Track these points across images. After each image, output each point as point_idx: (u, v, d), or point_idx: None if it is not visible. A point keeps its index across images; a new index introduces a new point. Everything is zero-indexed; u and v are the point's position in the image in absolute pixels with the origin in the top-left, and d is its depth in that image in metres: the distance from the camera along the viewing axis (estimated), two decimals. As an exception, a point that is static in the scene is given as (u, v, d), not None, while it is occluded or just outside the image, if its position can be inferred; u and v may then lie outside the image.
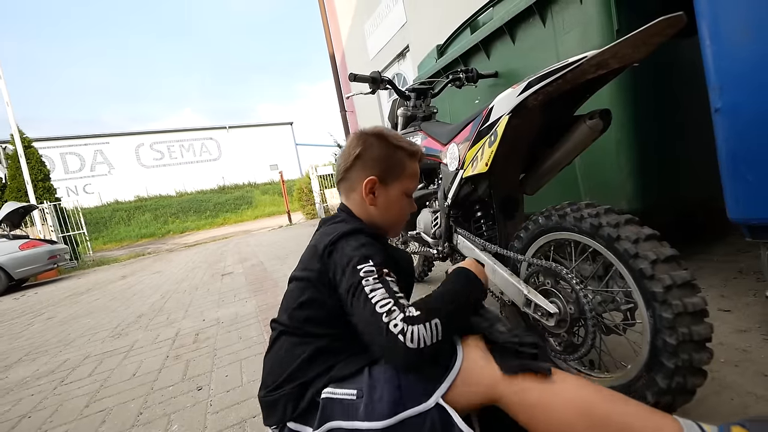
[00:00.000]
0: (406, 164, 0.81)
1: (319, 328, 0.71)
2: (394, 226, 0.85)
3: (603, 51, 0.69)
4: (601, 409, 0.55)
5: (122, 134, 21.91)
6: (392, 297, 0.62)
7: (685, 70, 1.40)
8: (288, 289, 0.78)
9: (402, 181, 0.81)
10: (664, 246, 0.69)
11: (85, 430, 1.17)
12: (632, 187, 1.35)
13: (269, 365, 0.73)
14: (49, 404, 1.41)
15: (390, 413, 0.59)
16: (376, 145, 0.80)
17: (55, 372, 1.77)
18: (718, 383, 0.83)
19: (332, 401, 0.63)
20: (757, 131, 0.83)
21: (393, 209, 0.82)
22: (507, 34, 1.65)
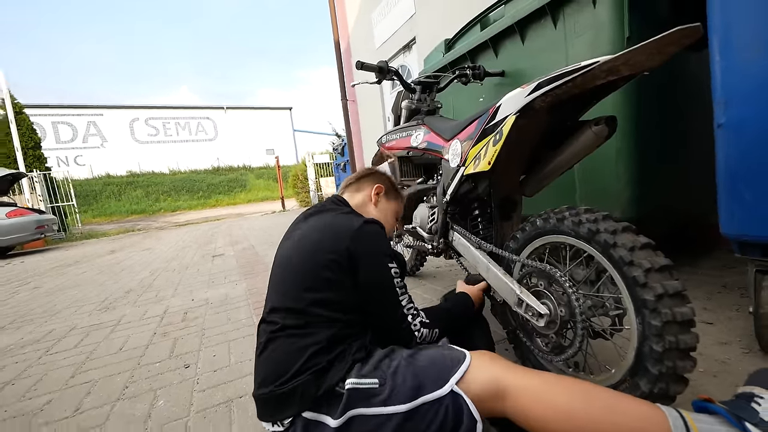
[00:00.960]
0: (399, 197, 1.11)
1: (329, 311, 0.74)
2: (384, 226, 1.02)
3: (616, 57, 0.69)
4: (599, 396, 0.61)
5: (117, 107, 21.43)
6: (412, 303, 0.82)
7: (690, 84, 1.42)
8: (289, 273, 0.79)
9: (396, 205, 1.08)
10: (659, 255, 0.70)
11: (70, 399, 1.17)
12: (629, 195, 1.36)
13: (272, 362, 0.72)
14: (33, 373, 1.40)
15: (412, 397, 0.65)
16: (385, 173, 1.10)
17: (41, 341, 1.76)
18: (697, 392, 0.86)
19: (357, 391, 0.67)
20: (758, 149, 0.84)
21: (387, 217, 1.05)
22: (517, 33, 1.64)
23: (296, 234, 0.86)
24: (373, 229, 0.80)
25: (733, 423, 0.54)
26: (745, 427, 0.53)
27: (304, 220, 0.90)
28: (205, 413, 1.02)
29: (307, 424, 0.67)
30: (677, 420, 0.55)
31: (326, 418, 0.66)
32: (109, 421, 1.03)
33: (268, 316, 0.79)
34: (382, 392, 0.66)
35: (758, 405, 0.55)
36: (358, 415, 0.65)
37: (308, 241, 0.80)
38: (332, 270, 0.75)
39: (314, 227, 0.83)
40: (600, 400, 0.60)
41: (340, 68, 5.72)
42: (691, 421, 0.55)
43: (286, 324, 0.73)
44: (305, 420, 0.67)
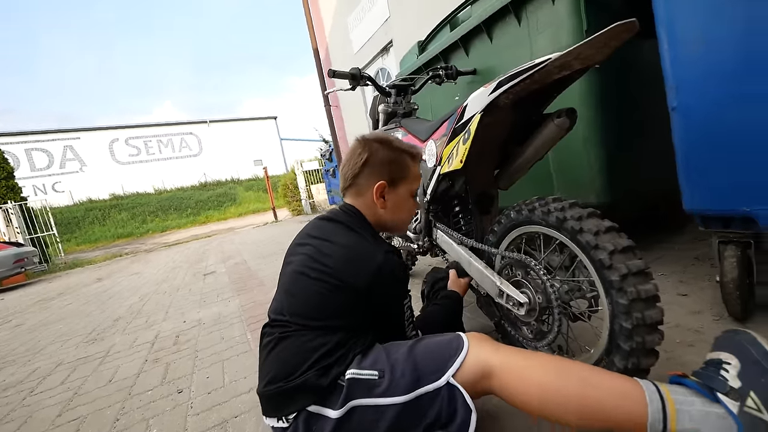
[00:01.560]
0: (410, 167, 0.89)
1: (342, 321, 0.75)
2: (401, 225, 0.94)
3: (566, 53, 0.73)
4: (576, 371, 0.64)
5: (94, 129, 20.93)
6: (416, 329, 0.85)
7: (648, 71, 1.47)
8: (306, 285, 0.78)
9: (408, 183, 0.89)
10: (622, 237, 0.73)
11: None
12: (600, 182, 1.41)
13: (281, 360, 0.74)
14: (17, 416, 1.36)
15: (410, 389, 0.67)
16: (381, 150, 0.87)
17: (24, 382, 1.70)
18: (674, 362, 0.90)
19: (357, 381, 0.69)
20: (707, 130, 0.89)
21: (402, 210, 0.91)
22: (485, 32, 1.68)
23: (313, 244, 0.83)
24: (393, 268, 0.78)
25: (706, 394, 0.57)
26: (716, 398, 0.56)
27: (319, 229, 0.87)
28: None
29: (308, 417, 0.69)
30: (653, 393, 0.58)
31: (327, 410, 0.68)
32: (102, 454, 1.02)
33: (278, 316, 0.79)
34: (382, 383, 0.68)
35: (726, 372, 0.58)
36: (358, 405, 0.68)
37: (327, 261, 0.78)
38: (348, 295, 0.76)
39: (333, 249, 0.79)
40: (576, 374, 0.63)
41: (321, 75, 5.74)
42: (666, 392, 0.58)
43: (298, 326, 0.75)
44: (308, 413, 0.69)
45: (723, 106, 0.85)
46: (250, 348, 1.56)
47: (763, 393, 0.55)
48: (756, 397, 0.54)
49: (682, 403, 0.57)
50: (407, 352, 0.72)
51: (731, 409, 0.54)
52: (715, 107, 0.86)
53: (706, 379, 0.58)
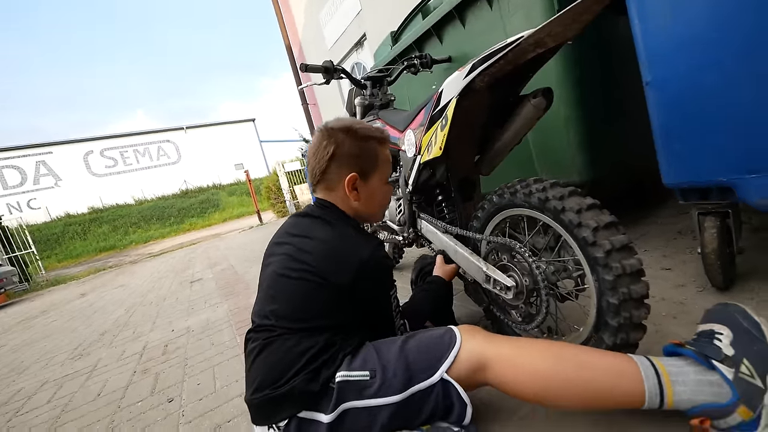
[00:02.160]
0: (379, 153, 0.85)
1: (329, 324, 0.73)
2: (377, 214, 0.92)
3: (538, 29, 0.72)
4: (570, 355, 0.63)
5: (66, 142, 20.19)
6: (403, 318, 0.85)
7: (625, 46, 1.48)
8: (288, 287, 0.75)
9: (379, 170, 0.85)
10: (604, 213, 0.73)
11: (46, 459, 1.10)
12: (582, 160, 1.42)
13: (268, 366, 0.71)
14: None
15: (403, 388, 0.66)
16: (347, 141, 0.81)
17: (8, 403, 1.64)
18: (661, 335, 0.91)
19: (348, 383, 0.67)
20: (680, 104, 0.89)
21: (376, 199, 0.87)
22: (457, 17, 1.66)
23: (292, 243, 0.79)
24: (376, 260, 0.76)
25: (701, 362, 0.57)
26: (712, 365, 0.56)
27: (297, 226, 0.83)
28: (193, 444, 0.98)
29: (300, 424, 0.67)
30: (648, 368, 0.58)
31: (319, 415, 0.66)
32: (92, 471, 0.98)
33: (262, 321, 0.76)
34: (373, 384, 0.66)
35: (719, 341, 0.59)
36: (350, 408, 0.66)
37: (307, 259, 0.75)
38: (332, 293, 0.73)
39: (312, 246, 0.76)
40: (571, 358, 0.63)
41: (296, 73, 5.64)
42: (661, 366, 0.59)
43: (283, 330, 0.73)
44: (299, 420, 0.67)
45: (695, 77, 0.86)
46: (240, 352, 1.53)
47: (755, 360, 0.55)
48: (749, 363, 0.55)
49: (677, 375, 0.57)
50: (398, 350, 0.70)
51: (727, 376, 0.55)
52: (688, 79, 0.87)
53: (701, 348, 0.59)
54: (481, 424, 0.75)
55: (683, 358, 0.60)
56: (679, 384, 0.57)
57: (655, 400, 0.57)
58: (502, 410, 0.79)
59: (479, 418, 0.78)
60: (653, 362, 0.59)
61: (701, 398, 0.56)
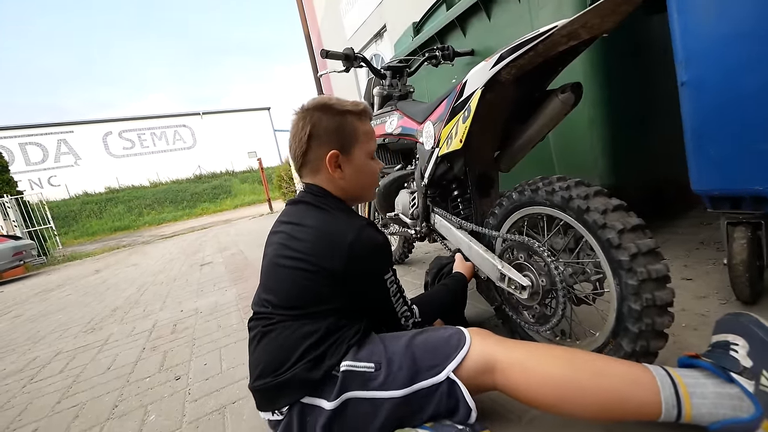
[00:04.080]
0: (358, 126, 0.80)
1: (324, 307, 0.72)
2: (367, 190, 0.88)
3: (572, 20, 0.68)
4: (585, 362, 0.61)
5: (87, 122, 20.66)
6: (406, 304, 0.81)
7: (656, 47, 1.42)
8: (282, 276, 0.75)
9: (361, 144, 0.81)
10: (631, 216, 0.70)
11: (57, 426, 1.13)
12: (605, 163, 1.38)
13: (269, 354, 0.71)
14: (17, 403, 1.36)
15: (408, 383, 0.65)
16: (323, 118, 0.77)
17: (24, 370, 1.70)
18: (679, 346, 0.87)
19: (352, 373, 0.66)
20: (718, 106, 0.85)
21: (363, 175, 0.83)
22: (482, 10, 1.62)
23: (285, 231, 0.78)
24: (367, 241, 0.72)
25: (719, 374, 0.55)
26: (730, 377, 0.54)
27: (289, 214, 0.82)
28: (198, 423, 1.00)
29: (302, 408, 0.67)
30: (665, 378, 0.56)
31: (321, 401, 0.66)
32: (100, 441, 1.00)
33: (262, 309, 0.77)
34: (378, 377, 0.66)
35: (736, 353, 0.57)
36: (352, 397, 0.66)
37: (298, 247, 0.74)
38: (326, 279, 0.71)
39: (304, 232, 0.75)
40: (586, 366, 0.60)
41: (314, 62, 5.61)
42: (678, 377, 0.56)
43: (281, 317, 0.72)
44: (301, 405, 0.67)
45: (737, 78, 0.81)
46: (247, 336, 1.55)
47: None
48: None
49: (694, 386, 0.55)
50: (406, 344, 0.69)
51: (747, 389, 0.53)
52: (729, 79, 0.82)
53: (717, 359, 0.56)
54: (487, 424, 0.74)
55: (700, 370, 0.57)
56: (697, 396, 0.54)
57: (672, 412, 0.54)
58: (510, 411, 0.77)
59: (485, 417, 0.76)
60: (669, 373, 0.57)
61: (722, 412, 0.53)
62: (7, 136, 18.01)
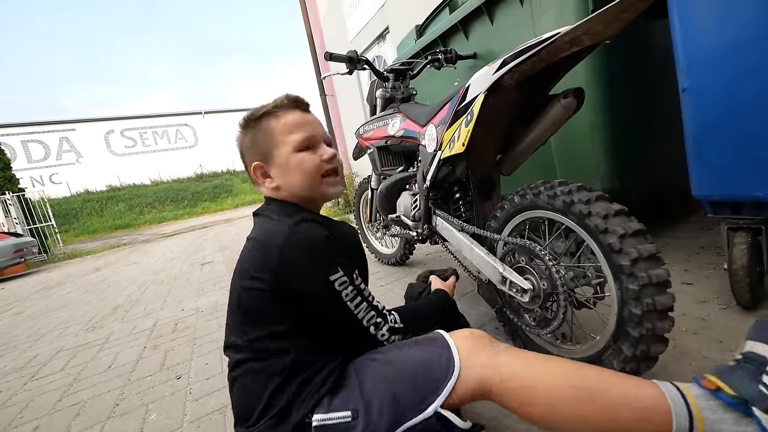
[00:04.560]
0: (274, 127, 0.72)
1: (282, 342, 0.64)
2: (313, 187, 0.73)
3: (575, 27, 0.69)
4: (591, 379, 0.55)
5: (89, 120, 20.67)
6: (374, 309, 0.68)
7: (658, 53, 1.43)
8: (233, 303, 0.69)
9: (281, 143, 0.71)
10: (632, 221, 0.71)
11: (58, 424, 1.14)
12: (606, 167, 1.38)
13: (238, 400, 0.65)
14: (18, 400, 1.36)
15: (392, 428, 0.57)
16: (242, 135, 0.75)
17: (25, 368, 1.70)
18: (679, 350, 0.88)
19: (327, 427, 0.58)
20: (719, 112, 0.85)
21: (292, 172, 0.71)
22: (485, 13, 1.63)
23: (243, 249, 0.72)
24: (300, 241, 0.63)
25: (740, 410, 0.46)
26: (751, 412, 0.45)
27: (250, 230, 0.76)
28: (199, 422, 1.00)
29: None
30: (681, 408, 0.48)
31: None
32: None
33: (229, 340, 0.70)
34: (356, 426, 0.57)
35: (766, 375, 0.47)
36: None
37: (245, 266, 0.67)
38: (271, 298, 0.63)
39: (247, 245, 0.69)
40: (590, 381, 0.54)
41: (316, 63, 5.63)
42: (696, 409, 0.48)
43: (238, 361, 0.66)
44: None
45: (737, 86, 0.82)
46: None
47: None
48: None
49: (712, 424, 0.47)
50: (383, 378, 0.61)
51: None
52: (729, 86, 0.83)
53: (743, 386, 0.47)
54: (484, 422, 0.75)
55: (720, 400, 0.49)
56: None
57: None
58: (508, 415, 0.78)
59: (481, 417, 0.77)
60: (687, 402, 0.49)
61: None
62: (9, 133, 18.03)
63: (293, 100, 0.74)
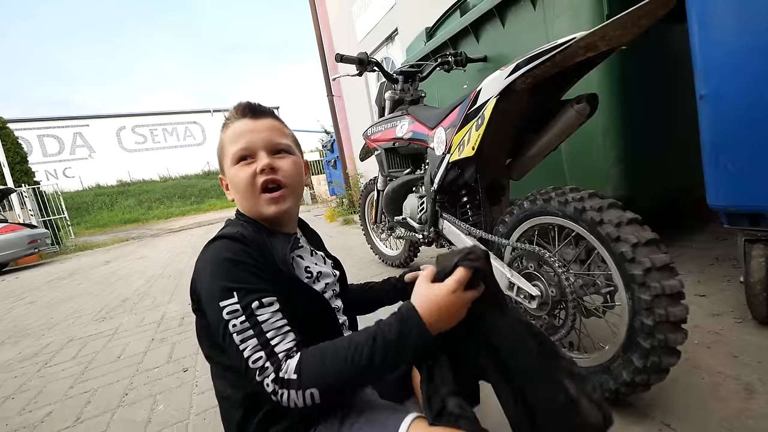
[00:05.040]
0: (224, 138, 0.67)
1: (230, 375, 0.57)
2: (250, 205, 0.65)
3: (592, 32, 0.68)
4: None
5: (102, 116, 21.07)
6: (263, 347, 0.51)
7: (673, 58, 1.41)
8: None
9: (226, 155, 0.65)
10: (645, 230, 0.70)
11: (70, 410, 1.16)
12: (617, 173, 1.36)
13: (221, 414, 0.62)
14: (32, 386, 1.40)
15: None
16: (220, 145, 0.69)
17: (39, 355, 1.74)
18: (692, 364, 0.86)
19: None
20: (738, 120, 0.84)
21: (234, 188, 0.66)
22: (497, 17, 1.62)
23: None
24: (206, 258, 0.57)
25: None
26: None
27: None
28: (205, 415, 1.01)
29: None
30: None
31: None
32: (110, 428, 1.03)
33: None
34: None
35: None
36: None
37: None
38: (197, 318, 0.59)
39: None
40: None
41: (324, 64, 5.65)
42: None
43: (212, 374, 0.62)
44: None
45: (756, 93, 0.80)
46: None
47: None
48: None
49: None
50: None
51: None
52: (749, 93, 0.81)
53: None
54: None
55: None
56: None
57: None
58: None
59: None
60: None
61: None
62: (27, 128, 18.43)
63: (243, 107, 0.67)
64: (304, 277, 0.66)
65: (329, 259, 0.77)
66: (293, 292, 0.59)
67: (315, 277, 0.68)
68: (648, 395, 0.78)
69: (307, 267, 0.68)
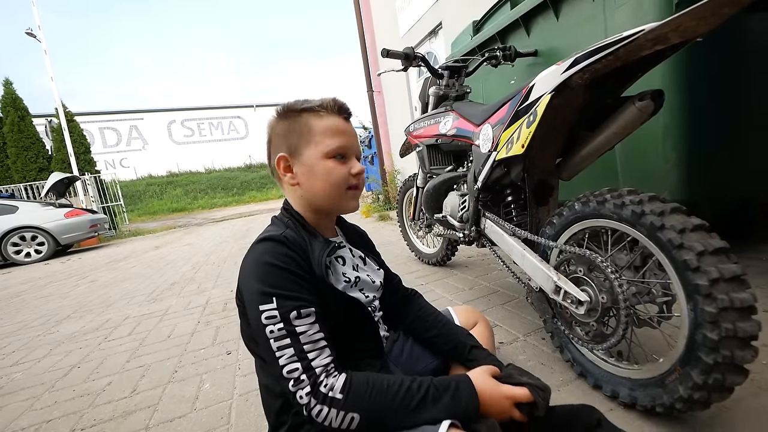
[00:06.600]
0: (313, 124, 0.68)
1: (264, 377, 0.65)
2: (333, 198, 0.69)
3: (663, 24, 0.64)
4: None
5: (155, 110, 22.69)
6: (300, 359, 0.52)
7: (750, 49, 1.28)
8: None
9: (315, 143, 0.67)
10: (713, 237, 0.64)
11: (127, 382, 1.27)
12: (677, 176, 1.27)
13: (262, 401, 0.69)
14: (95, 357, 1.55)
15: None
16: (278, 122, 0.71)
17: (99, 329, 1.92)
18: (758, 385, 0.79)
19: None
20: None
21: (317, 177, 0.68)
22: (551, 8, 1.55)
23: None
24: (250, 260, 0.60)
25: None
26: None
27: None
28: (248, 396, 1.07)
29: None
30: None
31: None
32: (162, 401, 1.12)
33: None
34: None
35: None
36: None
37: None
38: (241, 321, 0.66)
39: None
40: None
41: (365, 59, 5.69)
42: None
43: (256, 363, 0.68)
44: None
45: None
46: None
47: None
48: None
49: None
50: None
51: None
52: None
53: None
54: None
55: None
56: None
57: None
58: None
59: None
60: None
61: None
62: (90, 120, 20.26)
63: (339, 106, 0.71)
64: (342, 281, 0.70)
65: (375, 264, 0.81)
66: (327, 294, 0.63)
67: (353, 282, 0.72)
68: (706, 414, 0.73)
69: (344, 272, 0.72)
